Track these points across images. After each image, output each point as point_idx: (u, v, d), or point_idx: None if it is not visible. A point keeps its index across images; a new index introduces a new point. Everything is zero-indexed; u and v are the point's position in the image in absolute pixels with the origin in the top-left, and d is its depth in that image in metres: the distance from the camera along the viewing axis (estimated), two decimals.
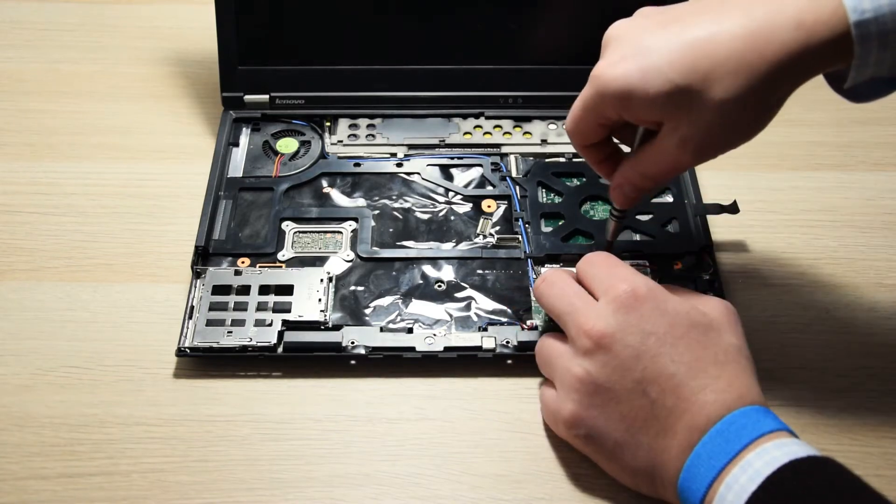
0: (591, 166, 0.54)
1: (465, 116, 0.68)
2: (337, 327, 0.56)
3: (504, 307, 0.57)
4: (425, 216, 0.63)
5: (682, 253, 0.60)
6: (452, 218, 0.63)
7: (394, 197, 0.64)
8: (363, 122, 0.68)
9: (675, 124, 0.47)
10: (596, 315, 0.48)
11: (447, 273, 0.59)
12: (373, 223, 0.62)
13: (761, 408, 0.46)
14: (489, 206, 0.63)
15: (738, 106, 0.46)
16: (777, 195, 0.65)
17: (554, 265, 0.59)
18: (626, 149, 0.53)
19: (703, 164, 0.51)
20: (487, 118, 0.68)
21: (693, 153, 0.48)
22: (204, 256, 0.59)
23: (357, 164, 0.65)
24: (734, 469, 0.43)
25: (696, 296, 0.51)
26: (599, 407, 0.47)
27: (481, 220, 0.63)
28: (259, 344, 0.54)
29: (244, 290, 0.57)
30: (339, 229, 0.62)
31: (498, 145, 0.67)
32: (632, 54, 0.47)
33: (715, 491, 0.43)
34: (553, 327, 0.52)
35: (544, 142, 0.67)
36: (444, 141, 0.67)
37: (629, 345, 0.47)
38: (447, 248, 0.61)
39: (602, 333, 0.47)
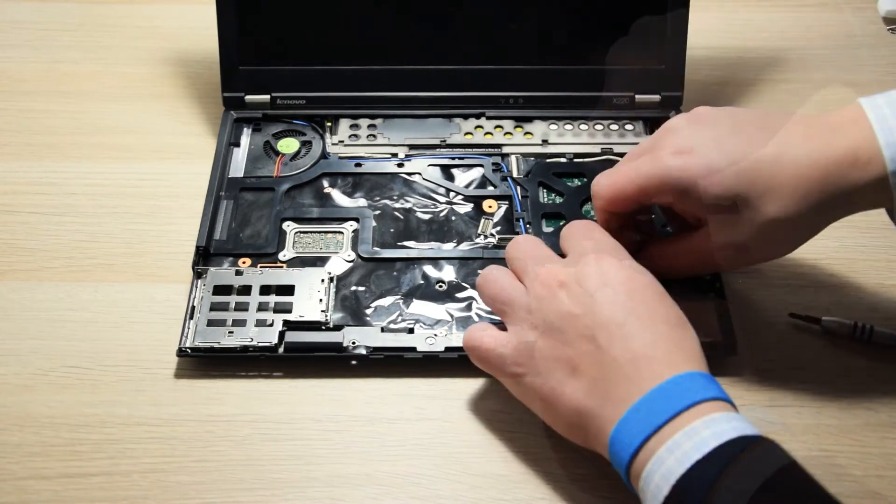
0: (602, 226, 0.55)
1: (466, 117, 0.68)
2: (338, 327, 0.56)
3: None
4: (426, 216, 0.63)
5: None
6: (453, 218, 0.63)
7: (395, 197, 0.64)
8: (364, 122, 0.68)
9: (720, 227, 0.51)
10: (557, 266, 0.49)
11: (448, 273, 0.59)
12: (374, 223, 0.62)
13: (706, 374, 0.46)
14: (490, 207, 0.63)
15: (788, 225, 0.49)
16: None
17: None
18: None
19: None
20: (488, 118, 0.68)
21: (731, 258, 0.52)
22: (205, 256, 0.59)
23: (358, 165, 0.65)
24: (678, 433, 0.42)
25: None
26: (548, 349, 0.48)
27: (482, 221, 0.63)
28: (260, 344, 0.54)
29: (245, 290, 0.57)
30: (340, 229, 0.62)
31: (499, 145, 0.67)
32: (700, 153, 0.50)
33: (652, 451, 0.43)
34: None
35: (545, 142, 0.67)
36: (445, 141, 0.67)
37: (584, 292, 0.47)
38: (448, 248, 0.61)
39: (559, 281, 0.48)
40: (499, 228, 0.62)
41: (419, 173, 0.65)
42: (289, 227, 0.61)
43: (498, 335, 0.50)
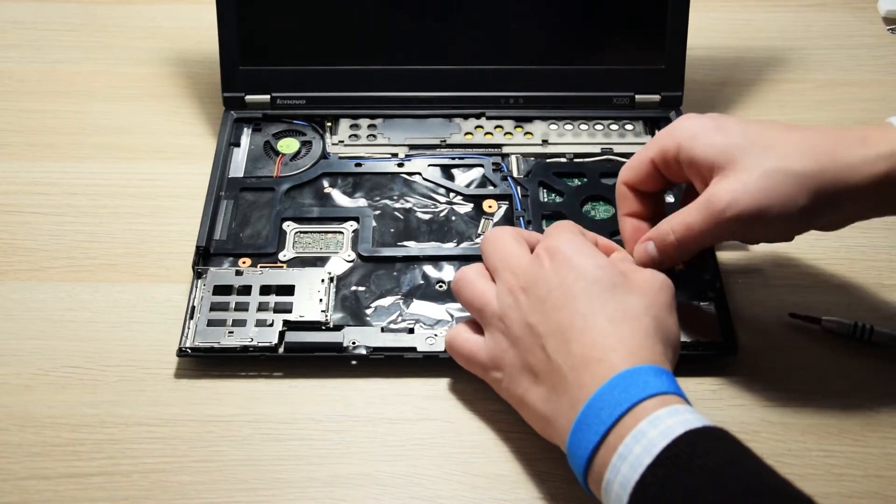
0: (619, 219, 0.55)
1: (466, 117, 0.68)
2: (338, 327, 0.56)
3: None
4: (426, 216, 0.63)
5: None
6: (453, 218, 0.63)
7: (395, 197, 0.64)
8: (364, 122, 0.68)
9: (723, 178, 0.49)
10: (520, 269, 0.49)
11: (448, 273, 0.59)
12: (374, 223, 0.62)
13: (652, 367, 0.44)
14: (490, 206, 0.63)
15: (791, 178, 0.48)
16: None
17: None
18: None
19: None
20: (488, 118, 0.68)
21: (737, 212, 0.49)
22: (205, 256, 0.59)
23: (358, 165, 0.65)
24: (626, 438, 0.42)
25: (629, 266, 0.51)
26: (514, 357, 0.49)
27: (482, 220, 0.63)
28: (260, 344, 0.54)
29: (245, 290, 0.57)
30: (341, 229, 0.62)
31: (499, 145, 0.67)
32: (711, 116, 0.52)
33: (605, 460, 0.42)
34: None
35: (545, 142, 0.67)
36: (445, 141, 0.67)
37: (539, 298, 0.48)
38: (448, 248, 0.61)
39: (520, 287, 0.49)
40: None
41: (419, 173, 0.65)
42: (289, 227, 0.61)
43: (476, 340, 0.51)
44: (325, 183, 0.65)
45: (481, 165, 0.66)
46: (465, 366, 0.53)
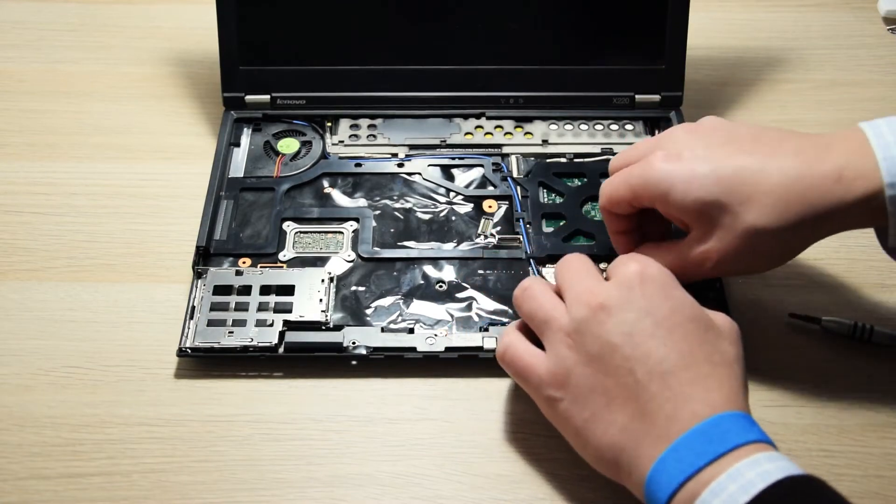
0: (610, 235, 0.56)
1: (466, 117, 0.68)
2: (338, 327, 0.56)
3: (505, 307, 0.57)
4: (426, 216, 0.63)
5: None
6: (453, 218, 0.63)
7: (395, 197, 0.64)
8: (364, 122, 0.68)
9: (703, 234, 0.51)
10: (598, 287, 0.48)
11: (448, 273, 0.59)
12: (374, 223, 0.62)
13: (748, 416, 0.45)
14: (490, 207, 0.63)
15: (768, 236, 0.49)
16: None
17: (553, 266, 0.59)
18: None
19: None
20: (488, 118, 0.68)
21: (712, 267, 0.51)
22: (205, 256, 0.59)
23: (358, 165, 0.65)
24: (721, 476, 0.41)
25: (703, 308, 0.50)
26: (585, 377, 0.46)
27: (482, 221, 0.63)
28: (260, 344, 0.54)
29: (245, 290, 0.57)
30: (341, 229, 0.62)
31: (499, 145, 0.67)
32: (686, 157, 0.51)
33: (694, 493, 0.42)
34: None
35: (545, 142, 0.67)
36: (445, 141, 0.67)
37: (625, 320, 0.46)
38: (448, 248, 0.61)
39: (600, 304, 0.47)
40: (499, 228, 0.62)
41: (419, 173, 0.65)
42: (289, 227, 0.61)
43: (535, 354, 0.49)
44: (325, 183, 0.65)
45: (481, 165, 0.66)
46: (517, 379, 0.50)
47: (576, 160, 0.66)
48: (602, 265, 0.57)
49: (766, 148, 0.50)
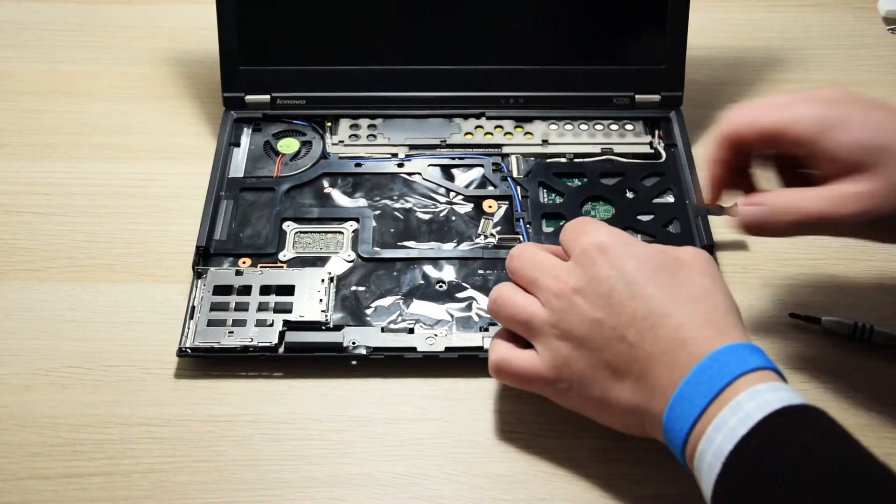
0: (711, 169, 0.52)
1: (466, 117, 0.68)
2: (338, 327, 0.56)
3: None
4: (426, 216, 0.63)
5: None
6: (453, 218, 0.63)
7: (395, 197, 0.64)
8: (364, 122, 0.68)
9: (855, 178, 0.47)
10: (565, 272, 0.48)
11: (448, 273, 0.59)
12: (374, 223, 0.62)
13: (747, 344, 0.45)
14: (490, 207, 0.63)
15: None
16: None
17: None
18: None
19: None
20: (488, 118, 0.68)
21: (858, 212, 0.47)
22: (205, 256, 0.59)
23: (358, 165, 0.66)
24: (723, 410, 0.42)
25: (667, 246, 0.50)
26: (583, 359, 0.47)
27: (482, 221, 0.63)
28: (260, 344, 0.54)
29: (245, 290, 0.57)
30: (341, 229, 0.62)
31: (499, 145, 0.67)
32: (846, 102, 0.48)
33: (701, 431, 0.43)
34: None
35: (545, 142, 0.67)
36: (445, 141, 0.67)
37: (600, 294, 0.47)
38: (448, 248, 0.61)
39: (572, 288, 0.47)
40: (499, 228, 0.62)
41: (419, 173, 0.65)
42: (289, 227, 0.61)
43: (528, 357, 0.49)
44: (325, 183, 0.65)
45: (481, 166, 0.66)
46: (522, 386, 0.50)
47: (576, 160, 0.66)
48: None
49: None
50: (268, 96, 0.68)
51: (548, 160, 0.66)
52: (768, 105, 0.50)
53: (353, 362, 0.55)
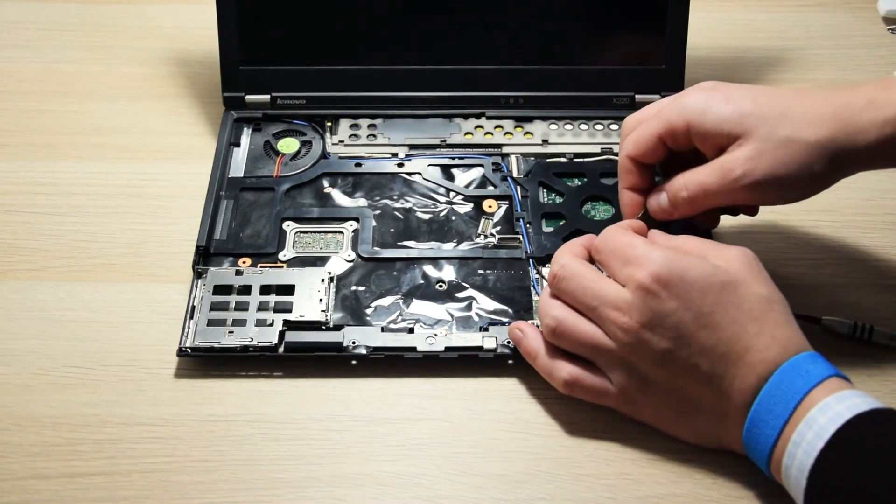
0: (620, 194, 0.56)
1: (466, 117, 0.68)
2: (338, 327, 0.56)
3: (505, 307, 0.57)
4: (426, 216, 0.63)
5: None
6: (453, 218, 0.63)
7: (395, 197, 0.64)
8: (364, 122, 0.68)
9: (738, 147, 0.51)
10: (627, 306, 0.48)
11: (448, 273, 0.59)
12: (374, 223, 0.62)
13: (809, 354, 0.47)
14: (490, 207, 0.63)
15: (802, 147, 0.50)
16: None
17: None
18: None
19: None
20: (488, 118, 0.68)
21: (749, 181, 0.51)
22: (205, 256, 0.59)
23: (358, 165, 0.66)
24: (799, 426, 0.44)
25: (714, 248, 0.50)
26: (655, 389, 0.49)
27: (482, 221, 0.63)
28: (260, 344, 0.54)
29: (245, 290, 0.57)
30: (341, 229, 0.62)
31: (499, 145, 0.67)
32: (720, 88, 0.53)
33: (782, 449, 0.45)
34: None
35: (545, 142, 0.67)
36: (445, 141, 0.67)
37: (668, 327, 0.48)
38: (448, 248, 0.61)
39: (639, 323, 0.48)
40: (499, 228, 0.62)
41: (419, 173, 0.65)
42: (289, 226, 0.61)
43: (601, 382, 0.51)
44: (325, 183, 0.65)
45: (481, 165, 0.66)
46: (593, 401, 0.52)
47: (576, 160, 0.66)
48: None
49: (795, 90, 0.53)
50: (268, 96, 0.68)
51: (548, 160, 0.66)
52: (637, 120, 0.55)
53: (353, 362, 0.55)
